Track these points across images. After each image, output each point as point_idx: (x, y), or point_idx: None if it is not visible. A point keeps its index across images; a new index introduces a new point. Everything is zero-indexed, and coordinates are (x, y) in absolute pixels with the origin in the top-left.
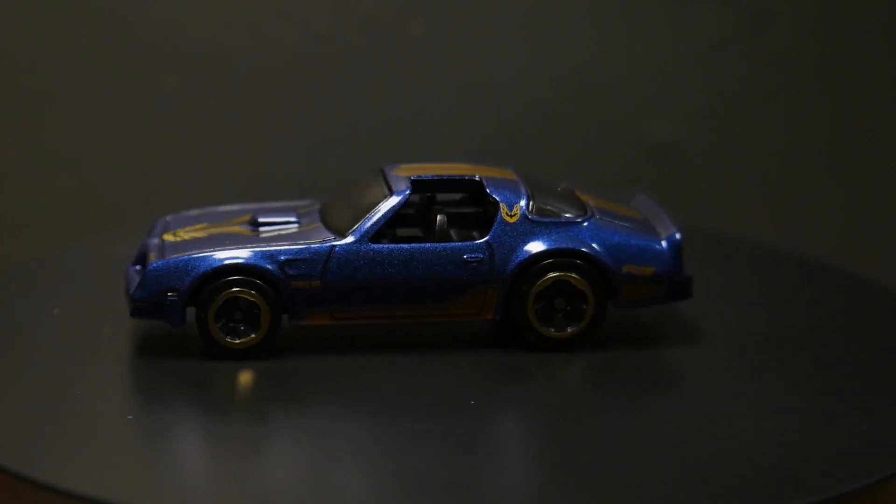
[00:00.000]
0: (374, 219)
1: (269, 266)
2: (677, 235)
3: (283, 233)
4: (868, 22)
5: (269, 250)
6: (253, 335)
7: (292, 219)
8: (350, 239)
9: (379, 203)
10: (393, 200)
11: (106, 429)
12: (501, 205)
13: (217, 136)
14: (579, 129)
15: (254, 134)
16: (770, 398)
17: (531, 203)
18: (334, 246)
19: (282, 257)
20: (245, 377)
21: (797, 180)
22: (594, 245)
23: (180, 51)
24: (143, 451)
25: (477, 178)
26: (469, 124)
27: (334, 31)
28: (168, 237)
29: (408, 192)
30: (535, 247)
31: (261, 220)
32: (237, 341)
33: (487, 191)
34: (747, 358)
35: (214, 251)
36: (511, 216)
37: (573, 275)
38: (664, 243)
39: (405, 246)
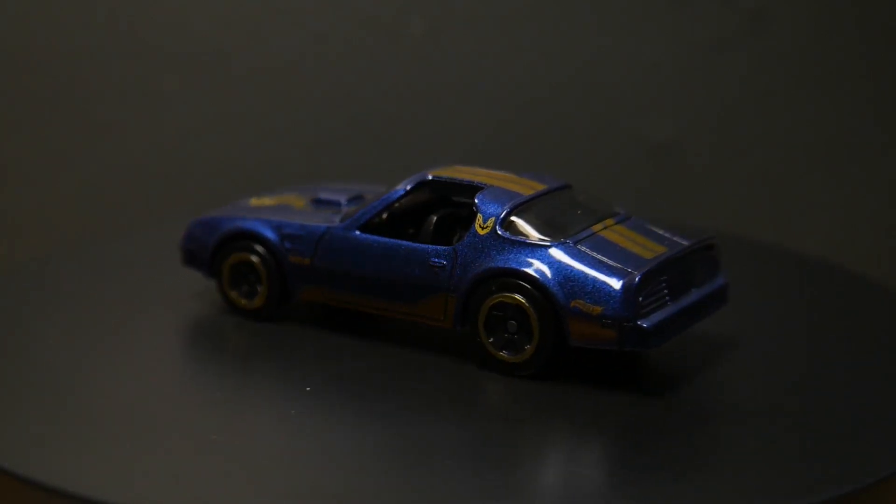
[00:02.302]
0: (365, 209)
1: (272, 237)
2: (636, 279)
3: (313, 211)
4: (868, 22)
5: (279, 223)
6: (255, 298)
7: (343, 201)
8: (342, 225)
9: (380, 196)
10: (388, 194)
11: (105, 428)
12: (478, 216)
13: (217, 136)
14: (579, 129)
15: (253, 134)
16: (768, 398)
17: (508, 218)
18: (329, 228)
19: (285, 231)
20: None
21: (797, 180)
22: (545, 271)
23: (180, 51)
24: (143, 452)
25: (481, 185)
26: (468, 124)
27: (334, 31)
28: (254, 200)
29: (405, 189)
30: (491, 262)
31: (320, 197)
32: (244, 301)
33: (475, 200)
34: (745, 357)
35: (245, 217)
36: (483, 228)
37: (521, 298)
38: (619, 284)
39: (382, 239)
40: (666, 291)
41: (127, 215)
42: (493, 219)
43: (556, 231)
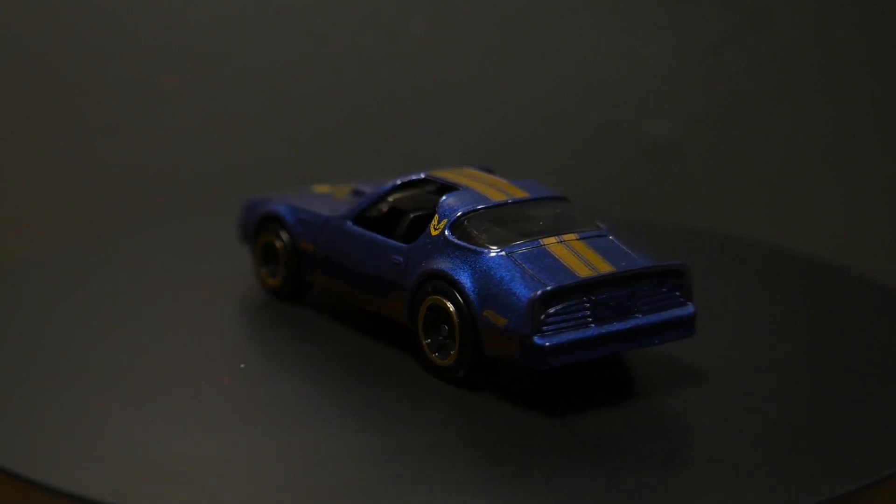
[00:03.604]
0: (360, 201)
1: (290, 222)
2: (538, 293)
3: (340, 201)
4: (868, 22)
5: (299, 209)
6: (277, 277)
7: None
8: (339, 215)
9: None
10: (380, 189)
11: (105, 428)
12: (435, 216)
13: (217, 136)
14: (579, 129)
15: (253, 133)
16: (768, 398)
17: (459, 222)
18: (329, 217)
19: (300, 217)
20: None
21: (797, 180)
22: (469, 278)
23: (180, 51)
24: (142, 452)
25: (457, 187)
26: (468, 124)
27: (334, 31)
28: (316, 186)
29: (395, 184)
30: (432, 264)
31: (358, 188)
32: (270, 280)
33: (439, 200)
34: (746, 358)
35: (280, 200)
36: (435, 229)
37: (448, 303)
38: (525, 298)
39: (363, 233)
40: (588, 312)
41: (127, 214)
42: (446, 221)
43: (503, 239)
